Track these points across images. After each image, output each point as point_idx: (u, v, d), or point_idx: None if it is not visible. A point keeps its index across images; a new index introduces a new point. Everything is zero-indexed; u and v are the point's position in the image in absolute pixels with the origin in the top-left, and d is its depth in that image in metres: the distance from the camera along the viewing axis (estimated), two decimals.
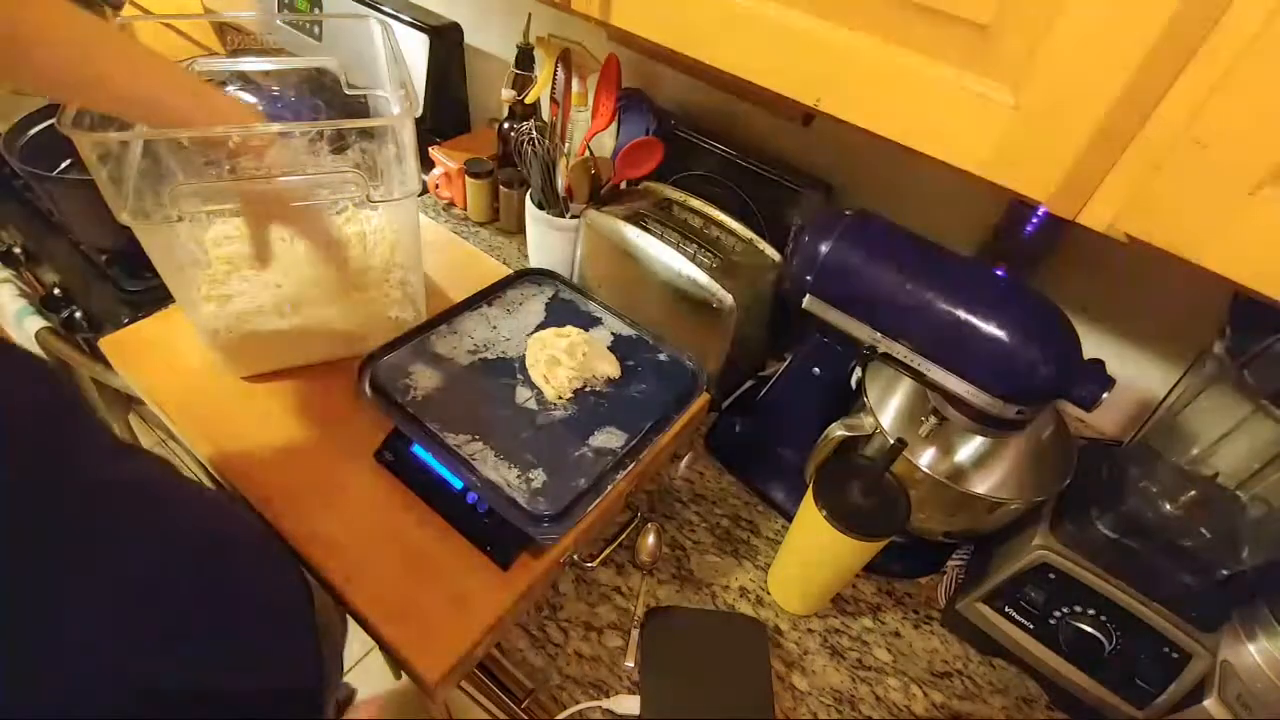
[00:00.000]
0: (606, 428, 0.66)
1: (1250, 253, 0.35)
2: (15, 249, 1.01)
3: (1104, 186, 0.38)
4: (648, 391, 0.70)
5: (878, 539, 0.57)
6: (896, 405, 0.76)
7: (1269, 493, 0.54)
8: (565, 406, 0.68)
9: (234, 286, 0.71)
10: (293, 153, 0.68)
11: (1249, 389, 0.49)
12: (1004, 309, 0.53)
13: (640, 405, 0.68)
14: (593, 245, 0.81)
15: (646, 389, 0.70)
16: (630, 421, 0.67)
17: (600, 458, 0.63)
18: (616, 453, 0.64)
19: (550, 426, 0.66)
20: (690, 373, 0.73)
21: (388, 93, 0.78)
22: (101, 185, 0.56)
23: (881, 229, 0.61)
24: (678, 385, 0.71)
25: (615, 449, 0.64)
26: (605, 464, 0.63)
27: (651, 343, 0.75)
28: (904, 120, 0.44)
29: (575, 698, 0.59)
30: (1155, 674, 0.56)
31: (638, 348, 0.75)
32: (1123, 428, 0.79)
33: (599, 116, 0.85)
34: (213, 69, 0.79)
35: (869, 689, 0.63)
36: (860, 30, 0.43)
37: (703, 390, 0.72)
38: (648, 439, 0.66)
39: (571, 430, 0.65)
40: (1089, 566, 0.57)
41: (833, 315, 0.62)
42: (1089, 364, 0.54)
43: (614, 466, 0.63)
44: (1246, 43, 0.31)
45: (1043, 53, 0.36)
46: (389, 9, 1.08)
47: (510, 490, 0.60)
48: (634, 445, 0.65)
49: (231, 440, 0.69)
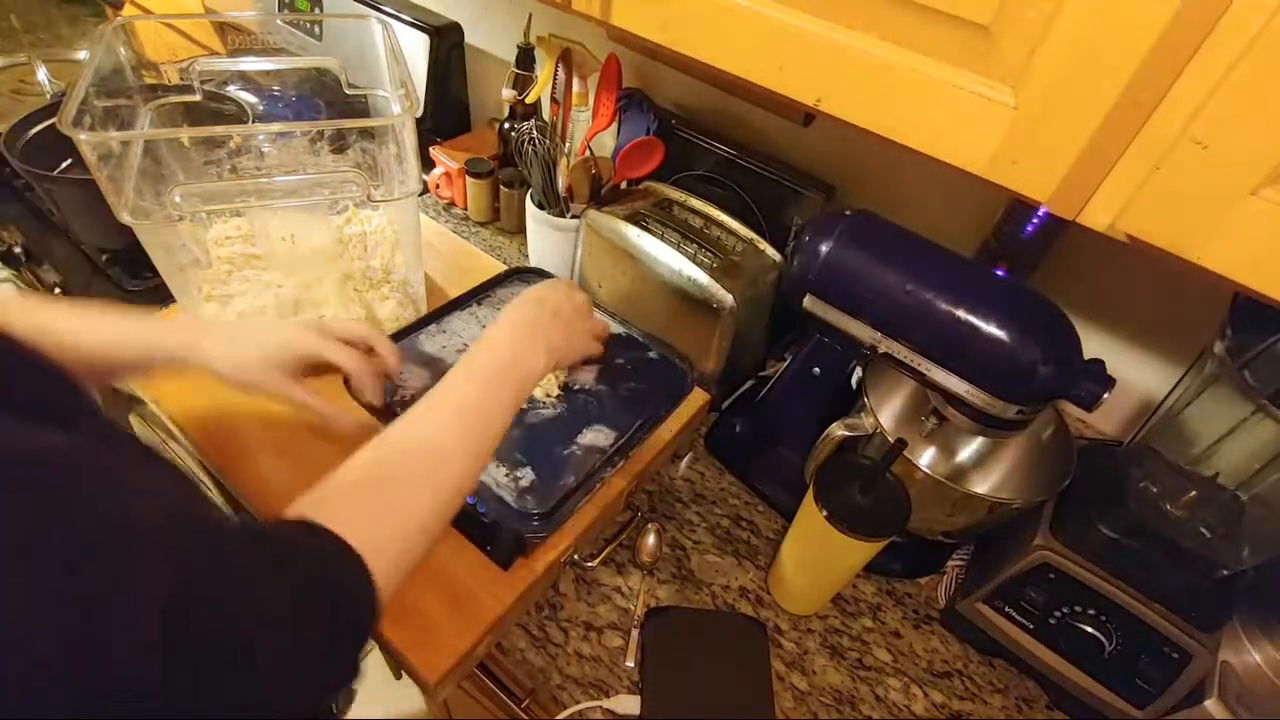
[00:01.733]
0: (596, 426, 0.66)
1: (1250, 253, 0.35)
2: (15, 249, 1.01)
3: (1104, 186, 0.38)
4: (637, 390, 0.70)
5: (878, 539, 0.57)
6: (896, 405, 0.76)
7: (1269, 493, 0.54)
8: (554, 405, 0.68)
9: (235, 287, 0.71)
10: (294, 153, 0.68)
11: (1249, 389, 0.49)
12: (1004, 309, 0.53)
13: (630, 404, 0.69)
14: (593, 245, 0.81)
15: (636, 387, 0.70)
16: (620, 420, 0.67)
17: (589, 456, 0.63)
18: (605, 451, 0.64)
19: (539, 425, 0.66)
20: (680, 372, 0.73)
21: (388, 93, 0.78)
22: (101, 185, 0.56)
23: (881, 229, 0.61)
24: (668, 384, 0.71)
25: (604, 447, 0.64)
26: (594, 462, 0.63)
27: (642, 341, 0.76)
28: (904, 121, 0.44)
29: (575, 698, 0.59)
30: (1155, 674, 0.56)
31: (628, 347, 0.75)
32: (1123, 428, 0.79)
33: (599, 116, 0.85)
34: (213, 69, 0.79)
35: (869, 689, 0.63)
36: (860, 30, 0.43)
37: (692, 388, 0.72)
38: (637, 437, 0.66)
39: (560, 429, 0.65)
40: (1089, 566, 0.57)
41: (833, 315, 0.62)
42: (1089, 364, 0.54)
43: (603, 464, 0.63)
44: (1246, 43, 0.31)
45: (1043, 53, 0.36)
46: (389, 9, 1.08)
47: (498, 489, 0.60)
48: (623, 443, 0.65)
49: (231, 440, 0.69)
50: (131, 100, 0.74)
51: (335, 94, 0.82)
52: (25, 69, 1.09)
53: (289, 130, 0.73)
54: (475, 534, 0.62)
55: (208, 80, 0.77)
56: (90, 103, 0.60)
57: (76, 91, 0.57)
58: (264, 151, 0.74)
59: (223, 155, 0.74)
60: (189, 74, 0.75)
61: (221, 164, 0.74)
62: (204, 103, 0.77)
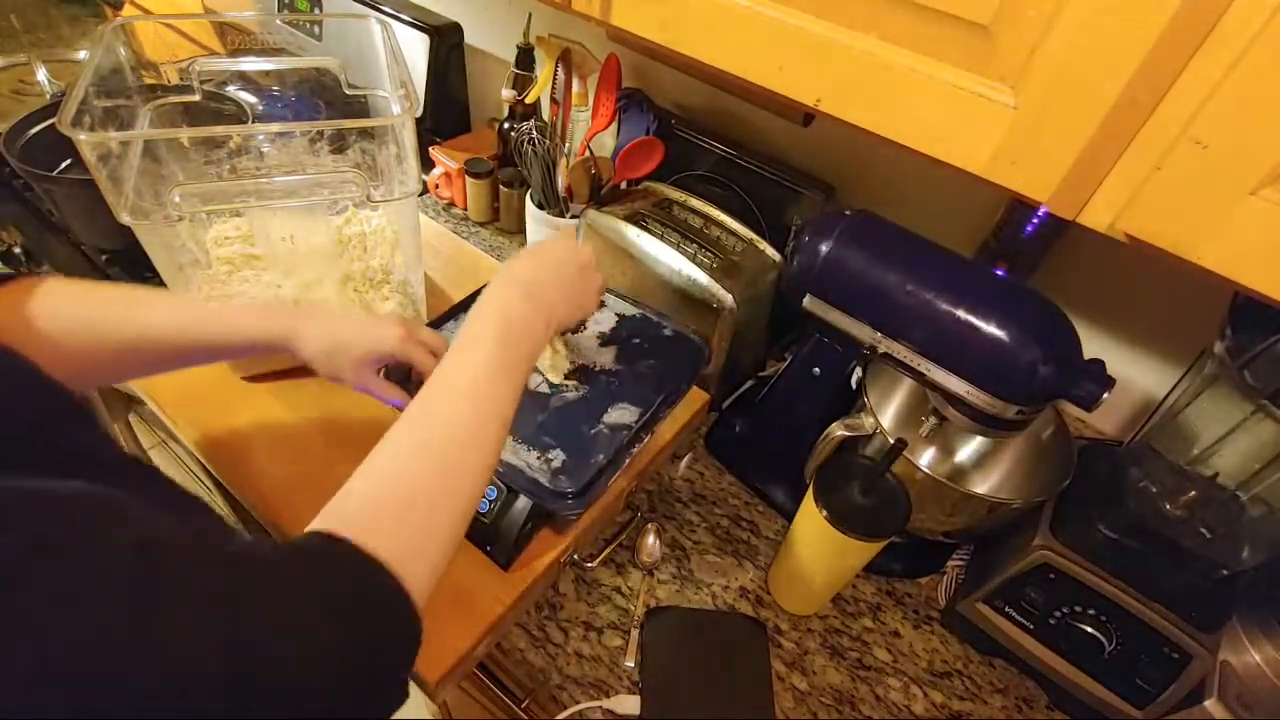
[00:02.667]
0: (620, 405, 0.66)
1: (1250, 253, 0.35)
2: (15, 249, 1.01)
3: (1104, 186, 0.38)
4: (656, 367, 0.71)
5: (878, 539, 0.57)
6: (896, 405, 0.76)
7: (1269, 493, 0.54)
8: (576, 388, 0.68)
9: (235, 287, 0.71)
10: (293, 153, 0.68)
11: (1249, 389, 0.49)
12: (1004, 309, 0.53)
13: (650, 380, 0.69)
14: (593, 245, 0.81)
15: (655, 364, 0.71)
16: (642, 397, 0.67)
17: (616, 433, 0.64)
18: (631, 427, 0.64)
19: (564, 408, 0.66)
20: (695, 346, 0.73)
21: (388, 93, 0.78)
22: (101, 185, 0.56)
23: (881, 229, 0.61)
24: (685, 358, 0.72)
25: (630, 424, 0.65)
26: (621, 439, 0.63)
27: (656, 320, 0.76)
28: (904, 121, 0.44)
29: (575, 698, 0.59)
30: (1155, 674, 0.56)
31: (643, 326, 0.75)
32: (1123, 428, 0.79)
33: (599, 116, 0.85)
34: (213, 69, 0.79)
35: (869, 689, 0.63)
36: (860, 30, 0.43)
37: (708, 361, 0.72)
38: (660, 412, 0.66)
39: (586, 410, 0.66)
40: (1089, 567, 0.57)
41: (833, 315, 0.62)
42: (1089, 364, 0.54)
43: (630, 441, 0.63)
44: (1247, 43, 0.31)
45: (1043, 53, 0.36)
46: (389, 9, 1.08)
47: (532, 472, 0.60)
48: (647, 419, 0.65)
49: (231, 440, 0.69)
50: (131, 100, 0.74)
51: (335, 94, 0.81)
52: (25, 69, 1.09)
53: (289, 130, 0.73)
54: (475, 534, 0.62)
55: (207, 80, 0.77)
56: (90, 103, 0.60)
57: (76, 91, 0.57)
58: (264, 152, 0.74)
59: (222, 155, 0.74)
60: (189, 74, 0.75)
61: (221, 164, 0.73)
62: (204, 103, 0.77)
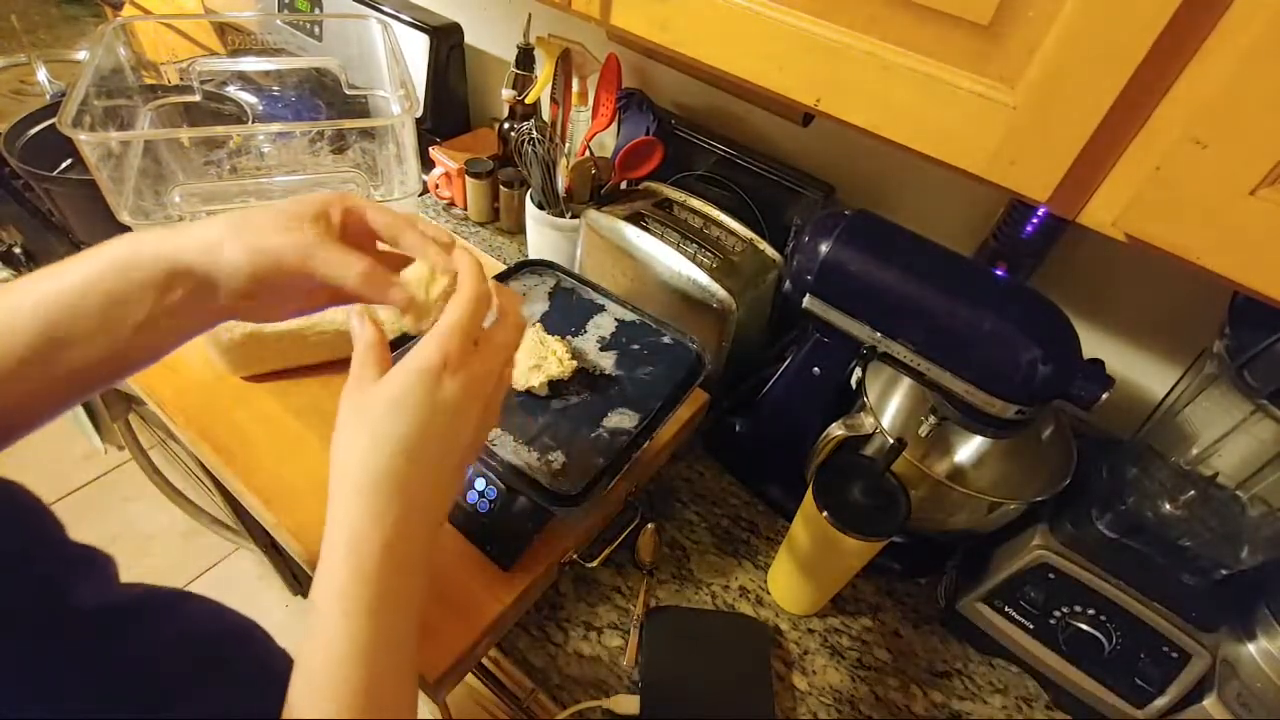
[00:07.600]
0: (620, 409, 0.67)
1: (1250, 253, 0.35)
2: (15, 249, 1.02)
3: (1104, 186, 0.38)
4: (655, 373, 0.71)
5: (878, 539, 0.57)
6: (896, 405, 0.76)
7: (1269, 493, 0.54)
8: (578, 393, 0.68)
9: None
10: (293, 153, 0.68)
11: (1249, 389, 0.49)
12: (1004, 309, 0.53)
13: (649, 386, 0.69)
14: (593, 245, 0.81)
15: (654, 371, 0.71)
16: (641, 402, 0.67)
17: (616, 438, 0.64)
18: (631, 432, 0.65)
19: (565, 411, 0.66)
20: (694, 353, 0.74)
21: (388, 93, 0.78)
22: (101, 185, 0.56)
23: (882, 229, 0.61)
24: (683, 365, 0.72)
25: (629, 429, 0.65)
26: (621, 443, 0.63)
27: (655, 327, 0.76)
28: (903, 121, 0.44)
29: (575, 698, 0.59)
30: (1155, 674, 0.56)
31: (642, 332, 0.76)
32: (1122, 427, 0.79)
33: (599, 116, 0.85)
34: (213, 69, 0.79)
35: (869, 689, 0.63)
36: (860, 30, 0.43)
37: (706, 368, 0.72)
38: (659, 418, 0.67)
39: (587, 413, 0.66)
40: (1089, 566, 0.57)
41: (833, 315, 0.62)
42: (1089, 364, 0.54)
43: (629, 445, 0.64)
44: (1247, 43, 0.31)
45: (1042, 53, 0.36)
46: (389, 9, 1.08)
47: (532, 473, 0.60)
48: (647, 424, 0.66)
49: (232, 440, 0.69)
50: (131, 100, 0.74)
51: (335, 94, 0.82)
52: (25, 69, 1.09)
53: (289, 130, 0.73)
54: (475, 534, 0.62)
55: (207, 80, 0.77)
56: (90, 103, 0.60)
57: (76, 91, 0.57)
58: (264, 152, 0.74)
59: (222, 155, 0.74)
60: (189, 74, 0.75)
61: (221, 164, 0.74)
62: (204, 103, 0.77)
